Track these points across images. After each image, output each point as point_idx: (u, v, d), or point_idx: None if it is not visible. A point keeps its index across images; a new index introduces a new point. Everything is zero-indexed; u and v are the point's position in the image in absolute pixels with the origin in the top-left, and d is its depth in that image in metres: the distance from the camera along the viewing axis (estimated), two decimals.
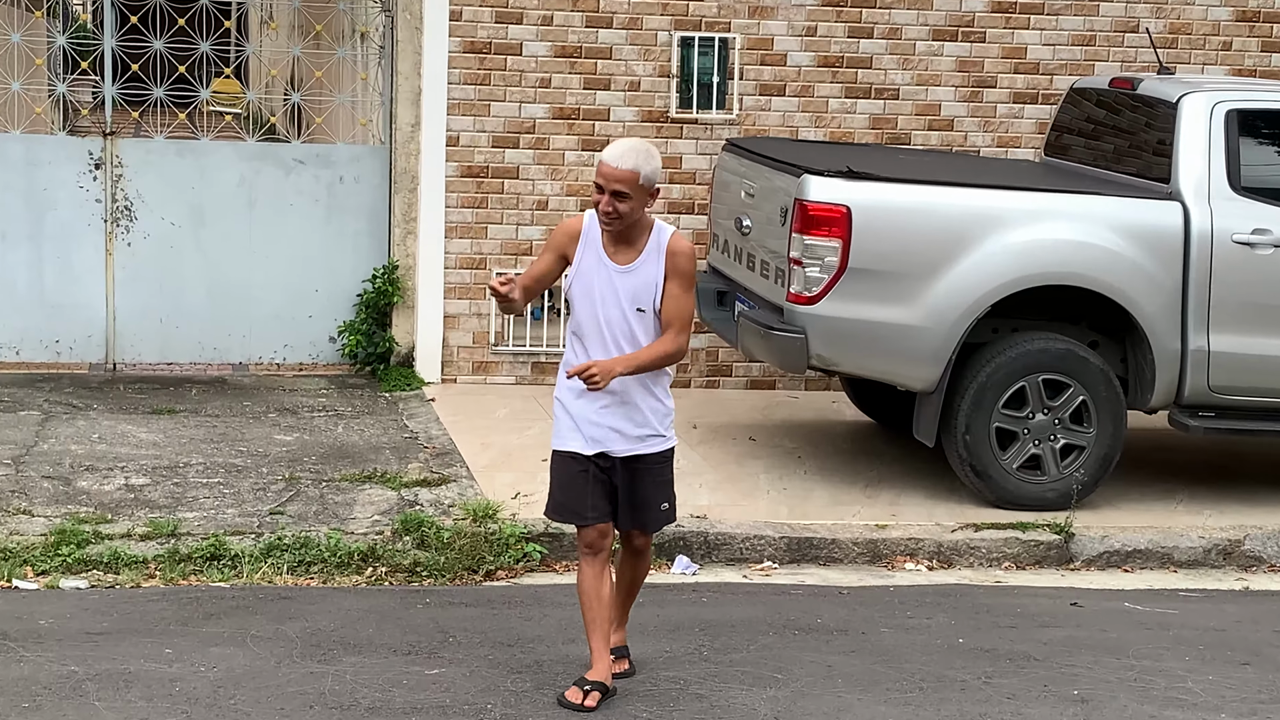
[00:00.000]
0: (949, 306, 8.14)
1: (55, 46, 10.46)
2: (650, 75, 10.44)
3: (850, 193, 8.10)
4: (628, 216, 5.64)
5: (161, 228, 10.30)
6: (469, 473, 8.43)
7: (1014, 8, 10.74)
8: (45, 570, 7.03)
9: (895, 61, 10.65)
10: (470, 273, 10.42)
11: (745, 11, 10.49)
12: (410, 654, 6.22)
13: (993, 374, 8.24)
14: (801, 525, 7.93)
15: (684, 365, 10.59)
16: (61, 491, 7.85)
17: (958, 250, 8.15)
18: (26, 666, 5.90)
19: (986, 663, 6.43)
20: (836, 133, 10.62)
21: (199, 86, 10.35)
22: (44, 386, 9.83)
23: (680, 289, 5.71)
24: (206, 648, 6.17)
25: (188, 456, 8.50)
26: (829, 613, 6.99)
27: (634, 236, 5.72)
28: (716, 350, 10.67)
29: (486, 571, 7.35)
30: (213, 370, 10.44)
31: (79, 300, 10.26)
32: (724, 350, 10.60)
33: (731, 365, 10.73)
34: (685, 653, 6.38)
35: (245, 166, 10.38)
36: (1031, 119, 10.80)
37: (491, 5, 10.26)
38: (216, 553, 7.20)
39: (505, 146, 10.36)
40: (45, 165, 10.17)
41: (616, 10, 10.38)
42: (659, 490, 5.89)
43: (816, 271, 8.08)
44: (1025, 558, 7.98)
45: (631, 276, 5.71)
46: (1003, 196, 8.40)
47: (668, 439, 5.88)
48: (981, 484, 8.32)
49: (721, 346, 10.52)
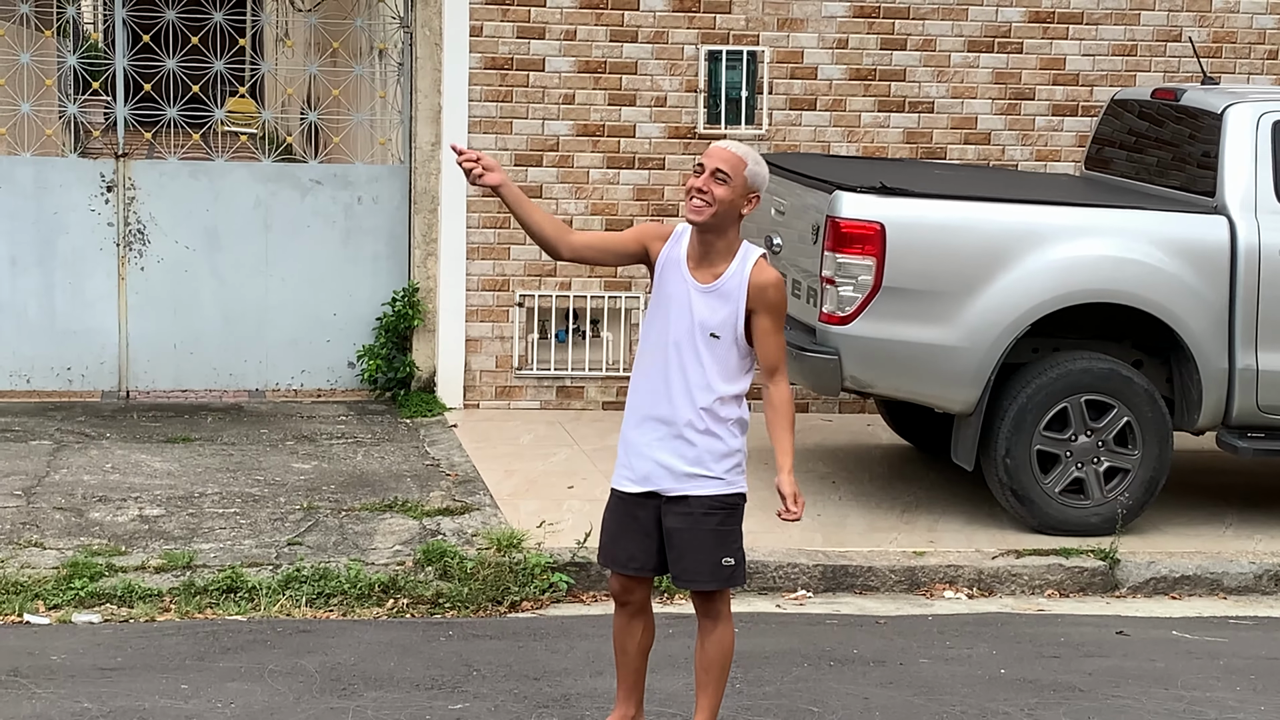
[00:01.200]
0: (987, 326, 8.03)
1: (66, 66, 10.37)
2: (677, 90, 10.34)
3: (884, 209, 7.99)
4: (720, 205, 5.13)
5: (175, 251, 10.20)
6: (493, 501, 8.33)
7: (1052, 17, 10.64)
8: (57, 604, 6.96)
9: (929, 74, 10.55)
10: (493, 295, 10.28)
11: (774, 24, 10.39)
12: (433, 688, 6.16)
13: (1033, 395, 8.11)
14: (837, 553, 7.86)
15: None
16: (74, 523, 7.78)
17: (996, 268, 8.04)
18: (39, 704, 5.86)
19: (1030, 694, 6.37)
20: (869, 147, 10.53)
21: (213, 106, 10.26)
22: (56, 415, 9.76)
23: (773, 325, 5.22)
24: (223, 683, 6.13)
25: (203, 486, 8.42)
26: (866, 643, 6.93)
27: (720, 252, 5.22)
28: None
29: (511, 603, 7.25)
30: (228, 397, 10.34)
31: (91, 326, 10.16)
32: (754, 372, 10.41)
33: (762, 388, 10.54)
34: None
35: (261, 188, 10.28)
36: (1071, 132, 10.70)
37: (513, 20, 10.16)
38: (233, 585, 7.12)
39: (528, 165, 10.26)
40: (56, 188, 10.07)
41: (642, 24, 10.27)
42: (709, 542, 5.28)
43: (850, 290, 7.99)
44: (1069, 585, 7.87)
45: (711, 298, 5.22)
46: (1042, 212, 8.30)
47: (725, 482, 5.30)
48: (1023, 509, 8.19)
49: None
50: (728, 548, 5.31)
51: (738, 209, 5.19)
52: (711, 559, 5.29)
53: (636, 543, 5.34)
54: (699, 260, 5.24)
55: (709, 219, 5.17)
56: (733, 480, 5.33)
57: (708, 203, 5.15)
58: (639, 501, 5.34)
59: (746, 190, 5.19)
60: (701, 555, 5.29)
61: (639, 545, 5.34)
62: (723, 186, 5.15)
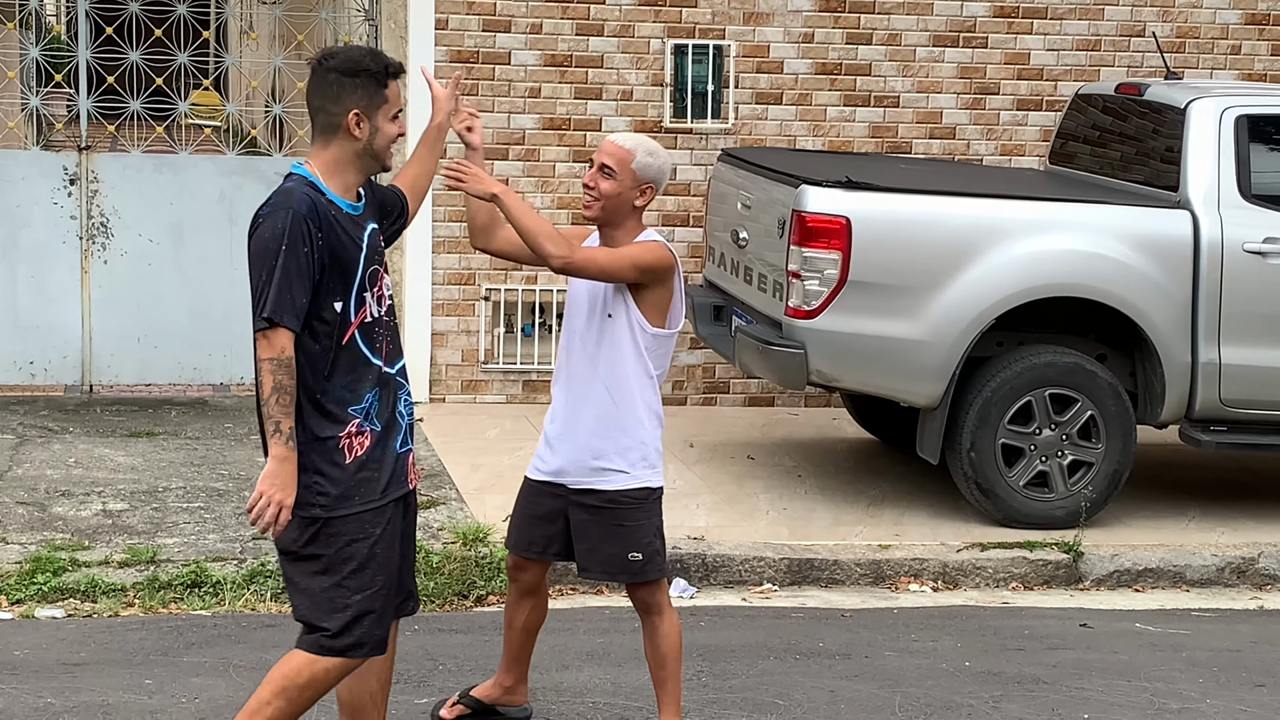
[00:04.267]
0: (952, 320, 8.03)
1: (28, 59, 10.27)
2: (643, 84, 10.31)
3: (850, 203, 7.98)
4: (607, 199, 5.24)
5: (139, 245, 10.12)
6: (459, 495, 8.31)
7: (1017, 12, 10.64)
8: (20, 599, 6.91)
9: (895, 68, 10.55)
10: (459, 288, 10.25)
11: (740, 18, 10.37)
12: (399, 682, 6.08)
13: (998, 389, 8.12)
14: (802, 546, 7.85)
15: (680, 382, 10.46)
16: (36, 518, 7.72)
17: (961, 262, 8.05)
18: (1, 699, 5.84)
19: (994, 686, 6.38)
20: (835, 142, 10.51)
21: (177, 99, 10.19)
22: (18, 410, 9.68)
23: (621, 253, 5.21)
24: (188, 678, 6.10)
25: (167, 480, 8.36)
26: (831, 636, 6.93)
27: (619, 241, 5.30)
28: (713, 366, 10.52)
29: (477, 597, 7.23)
30: (193, 391, 10.27)
31: (54, 320, 10.08)
32: (721, 366, 10.47)
33: (729, 382, 10.58)
34: (683, 678, 6.22)
35: (225, 181, 10.21)
36: (1035, 126, 10.71)
37: (478, 13, 10.13)
38: (198, 580, 7.08)
39: (494, 159, 10.22)
40: (18, 181, 9.99)
41: (608, 18, 10.25)
42: (615, 536, 5.32)
43: (816, 285, 7.97)
44: (1033, 578, 7.88)
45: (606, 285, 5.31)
46: (1007, 206, 8.30)
47: (632, 476, 5.32)
48: (987, 502, 8.19)
49: (718, 363, 10.38)
50: (636, 542, 5.32)
51: (629, 202, 5.25)
52: (618, 553, 5.32)
53: (538, 529, 5.44)
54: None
55: (597, 213, 5.27)
56: (636, 474, 5.33)
57: (596, 197, 5.24)
58: (546, 489, 5.42)
59: (637, 182, 5.25)
60: (607, 549, 5.33)
61: (540, 531, 5.44)
62: (609, 180, 5.23)
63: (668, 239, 10.29)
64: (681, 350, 10.43)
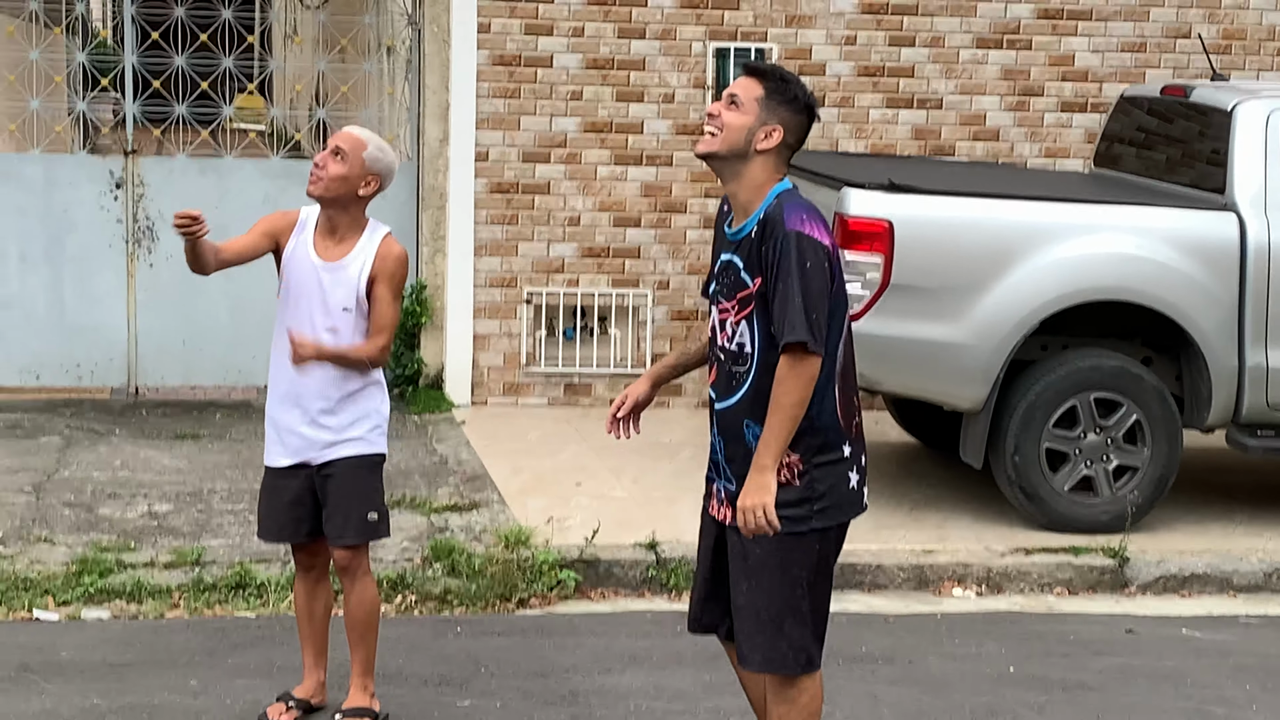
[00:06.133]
0: (996, 323, 7.98)
1: (75, 63, 10.34)
2: (685, 87, 10.31)
3: (892, 206, 7.95)
4: (331, 181, 5.46)
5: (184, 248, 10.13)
6: (500, 498, 8.31)
7: (1061, 14, 10.60)
8: (67, 600, 6.94)
9: (938, 70, 10.52)
10: (501, 291, 10.26)
11: (782, 20, 10.35)
12: (441, 685, 6.16)
13: (1042, 393, 8.07)
14: (845, 550, 7.70)
15: None
16: (83, 519, 7.76)
17: (1005, 265, 8.00)
18: (48, 699, 5.86)
19: (1039, 692, 6.35)
20: (878, 144, 10.49)
21: (222, 103, 10.24)
22: (65, 412, 9.74)
23: (386, 292, 5.51)
24: (232, 680, 6.12)
25: (212, 482, 8.40)
26: (874, 641, 6.90)
27: (345, 231, 5.55)
28: None
29: (519, 599, 7.23)
30: (236, 393, 10.32)
31: (100, 323, 10.15)
32: None
33: None
34: (725, 682, 6.24)
35: (269, 184, 10.26)
36: (1080, 129, 10.66)
37: (521, 17, 10.14)
38: (242, 581, 7.10)
39: (536, 161, 10.23)
40: (65, 185, 10.06)
41: (650, 21, 10.24)
42: (357, 498, 5.59)
43: (858, 288, 7.94)
44: (1078, 583, 7.83)
45: (340, 273, 5.52)
46: (1051, 209, 8.25)
47: (368, 442, 5.61)
48: (1032, 506, 8.15)
49: None
50: (371, 502, 5.61)
51: (355, 188, 5.48)
52: (359, 514, 5.59)
53: (287, 512, 5.64)
54: (326, 238, 5.56)
55: (323, 190, 5.47)
56: (373, 440, 5.62)
57: (322, 177, 5.47)
58: (290, 473, 5.61)
59: (365, 172, 5.48)
60: (351, 512, 5.59)
61: (289, 514, 5.64)
62: (340, 163, 5.46)
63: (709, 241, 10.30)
64: None
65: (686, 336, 10.41)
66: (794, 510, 4.52)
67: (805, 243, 4.41)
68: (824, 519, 4.57)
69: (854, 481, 4.62)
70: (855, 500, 4.65)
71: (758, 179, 4.55)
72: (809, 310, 4.38)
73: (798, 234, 4.41)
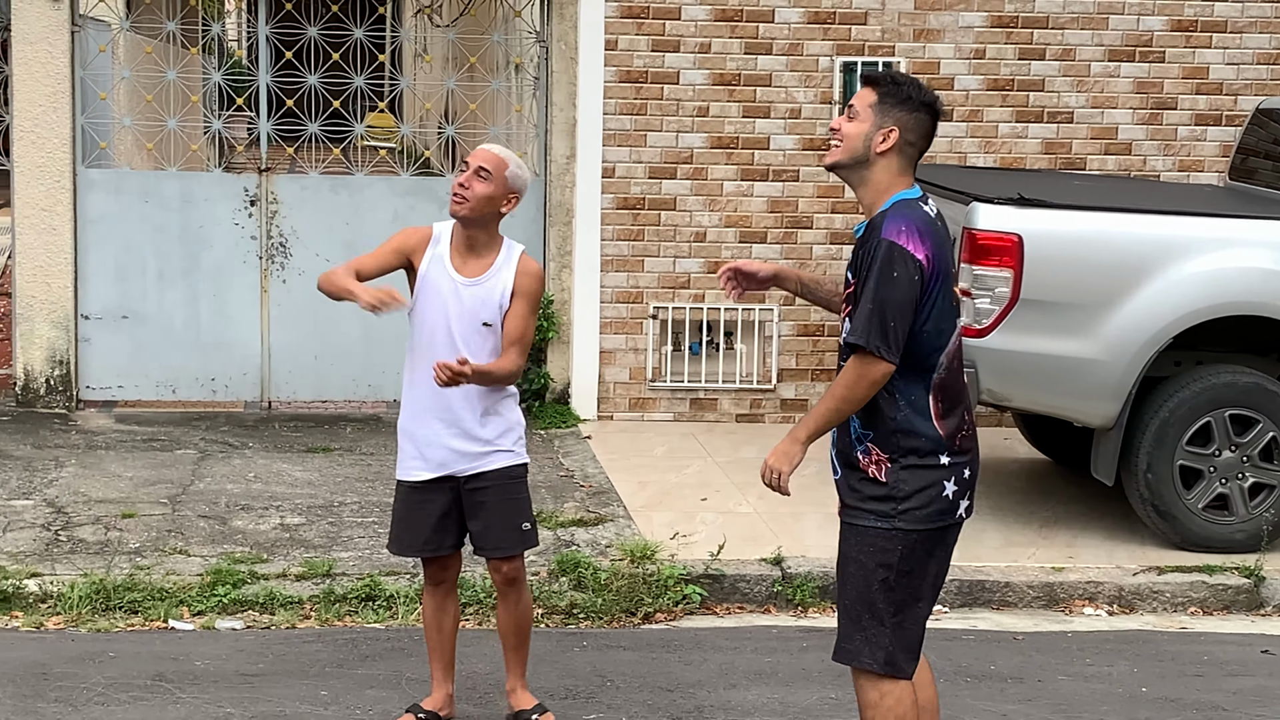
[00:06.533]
0: (1128, 339, 7.89)
1: (210, 83, 10.52)
2: (811, 102, 10.28)
3: (1022, 221, 7.88)
4: (478, 201, 5.52)
5: (316, 264, 10.29)
6: (626, 512, 8.32)
7: (1195, 26, 10.44)
8: (201, 611, 7.05)
9: (1069, 84, 10.41)
10: (627, 307, 10.30)
11: (910, 35, 10.29)
12: (568, 698, 6.16)
13: (1176, 409, 7.96)
14: (973, 567, 7.74)
15: None
16: (217, 531, 7.87)
17: (1137, 280, 7.90)
18: (183, 708, 5.94)
19: (1171, 713, 6.26)
20: (1007, 158, 10.39)
21: (353, 121, 10.37)
22: (200, 425, 9.90)
23: (525, 308, 5.60)
24: (362, 690, 6.16)
25: (342, 495, 8.48)
26: (1003, 659, 6.83)
27: (483, 249, 5.62)
28: None
29: (645, 614, 7.24)
30: (367, 408, 10.43)
31: (234, 338, 10.30)
32: None
33: None
34: (852, 699, 6.14)
35: (399, 201, 10.37)
36: (1215, 141, 10.50)
37: (648, 34, 10.17)
38: (371, 593, 7.17)
39: (662, 177, 10.25)
40: (201, 203, 10.23)
41: (776, 36, 10.23)
42: (513, 508, 5.66)
43: (987, 303, 7.88)
44: (1212, 602, 7.72)
45: (479, 289, 5.58)
46: (1184, 223, 8.13)
47: (516, 454, 5.68)
48: (1165, 525, 8.03)
49: None
50: (524, 512, 5.70)
51: (498, 206, 5.57)
52: (515, 524, 5.66)
53: (432, 526, 5.66)
54: (464, 256, 5.61)
55: (468, 210, 5.53)
56: (519, 452, 5.71)
57: (466, 198, 5.52)
58: (434, 487, 5.63)
59: (506, 190, 5.58)
60: (508, 523, 5.64)
61: (434, 528, 5.66)
62: (484, 183, 5.52)
63: (836, 257, 10.28)
64: None
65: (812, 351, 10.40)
66: (878, 505, 4.62)
67: (896, 252, 4.48)
68: (909, 520, 4.60)
69: (949, 491, 4.63)
70: (948, 510, 4.66)
71: (881, 183, 4.63)
72: (885, 317, 4.46)
73: (890, 243, 4.49)
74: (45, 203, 9.96)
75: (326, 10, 10.19)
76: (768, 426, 10.30)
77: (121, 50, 10.63)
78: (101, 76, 10.24)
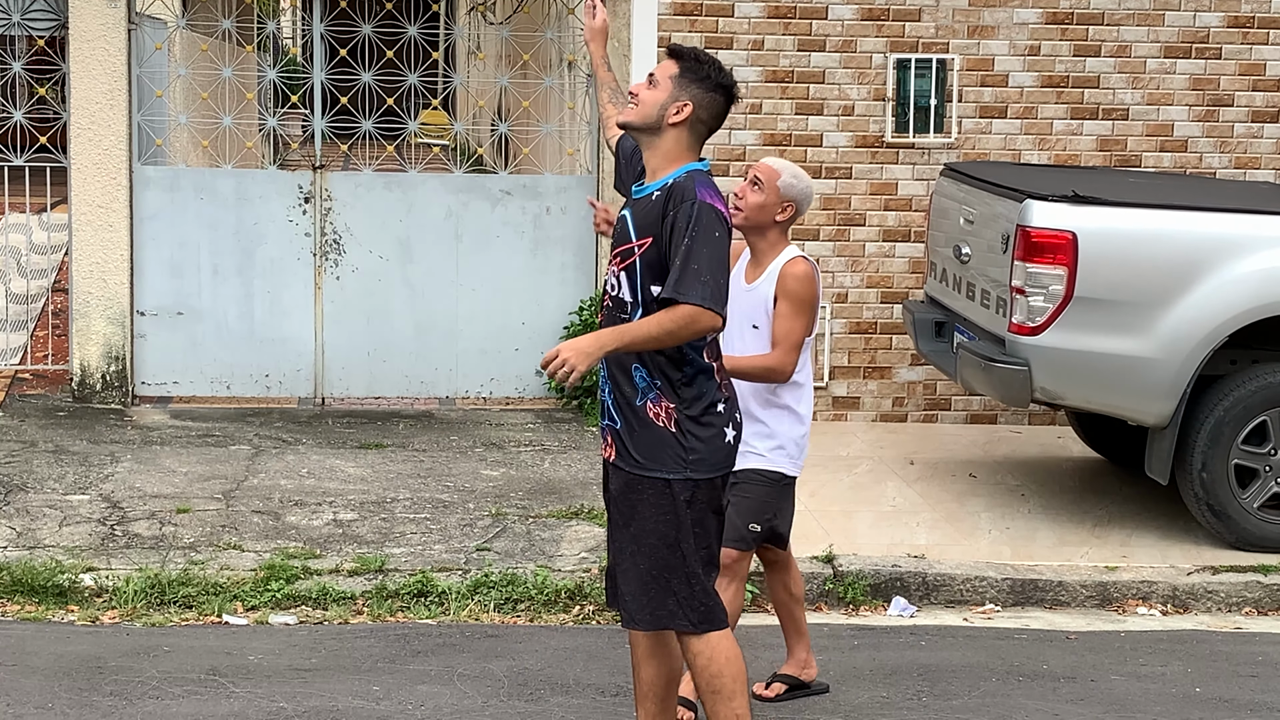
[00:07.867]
0: (1183, 337, 7.84)
1: (265, 80, 10.60)
2: (865, 99, 10.25)
3: (1076, 218, 7.84)
4: (751, 210, 5.75)
5: (369, 261, 10.35)
6: None
7: (1252, 23, 10.35)
8: (255, 605, 7.09)
9: (1124, 80, 10.33)
10: None
11: (964, 31, 10.24)
12: (618, 695, 6.16)
13: (1231, 408, 7.90)
14: (1026, 566, 7.72)
15: (900, 399, 10.37)
16: (271, 526, 7.91)
17: (1192, 278, 7.85)
18: (236, 703, 5.97)
19: (1226, 713, 6.23)
20: (1061, 155, 10.33)
21: (407, 118, 10.40)
22: (254, 421, 9.95)
23: (787, 309, 5.74)
24: (414, 685, 6.18)
25: (395, 491, 8.51)
26: (1056, 659, 6.80)
27: (763, 256, 5.84)
28: (934, 383, 10.40)
29: None
30: (419, 404, 10.46)
31: (288, 334, 10.35)
32: (942, 383, 10.34)
33: (950, 399, 10.44)
34: (903, 698, 6.28)
35: (452, 199, 10.40)
36: (1271, 139, 10.41)
37: (701, 30, 10.16)
38: (424, 589, 7.19)
39: (715, 174, 10.09)
40: (255, 200, 10.29)
41: (830, 33, 10.20)
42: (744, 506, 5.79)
43: (1040, 301, 7.85)
44: (1267, 603, 7.66)
45: (753, 295, 5.82)
46: (1241, 220, 8.09)
47: (761, 456, 5.82)
48: (1219, 524, 7.97)
49: (939, 379, 10.26)
50: (755, 515, 5.84)
51: (773, 215, 5.79)
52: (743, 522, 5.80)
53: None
54: (749, 262, 5.88)
55: (742, 220, 5.76)
56: (768, 457, 5.84)
57: (740, 207, 5.77)
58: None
59: (781, 199, 5.79)
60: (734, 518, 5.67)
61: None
62: (758, 193, 5.78)
63: (888, 255, 10.26)
64: (902, 367, 10.35)
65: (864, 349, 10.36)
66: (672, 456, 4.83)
67: (716, 214, 4.70)
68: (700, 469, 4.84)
69: (730, 437, 4.91)
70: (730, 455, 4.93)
71: (671, 152, 4.85)
72: (716, 276, 4.65)
73: (708, 205, 4.69)
74: (102, 199, 10.05)
75: (381, 8, 10.23)
76: (819, 425, 10.26)
77: (178, 48, 10.71)
78: (157, 74, 10.31)
